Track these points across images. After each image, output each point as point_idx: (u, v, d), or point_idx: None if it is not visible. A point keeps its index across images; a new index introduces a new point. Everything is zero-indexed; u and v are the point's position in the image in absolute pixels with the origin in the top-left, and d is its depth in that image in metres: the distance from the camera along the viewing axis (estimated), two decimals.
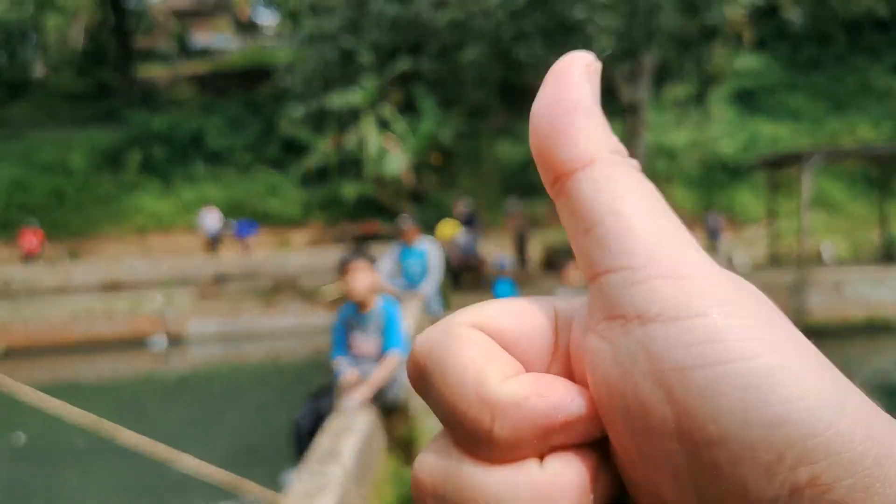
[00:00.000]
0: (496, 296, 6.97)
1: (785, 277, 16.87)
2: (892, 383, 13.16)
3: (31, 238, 23.62)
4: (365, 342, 4.58)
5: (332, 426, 3.84)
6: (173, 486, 8.26)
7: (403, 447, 4.69)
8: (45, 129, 30.34)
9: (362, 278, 4.46)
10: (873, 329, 16.36)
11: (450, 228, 19.60)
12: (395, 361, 4.47)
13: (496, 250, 21.71)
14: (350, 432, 3.71)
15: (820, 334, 16.35)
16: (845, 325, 16.50)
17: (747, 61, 30.53)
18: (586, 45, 11.21)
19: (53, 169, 27.32)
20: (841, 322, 16.52)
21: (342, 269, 4.46)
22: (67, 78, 36.00)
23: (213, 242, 24.23)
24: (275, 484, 7.65)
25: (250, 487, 2.96)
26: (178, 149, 27.91)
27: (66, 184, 26.91)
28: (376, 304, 4.58)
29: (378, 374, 4.38)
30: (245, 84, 31.61)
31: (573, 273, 12.56)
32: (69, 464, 9.51)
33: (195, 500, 8.12)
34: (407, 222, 9.83)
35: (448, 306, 13.19)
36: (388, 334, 4.52)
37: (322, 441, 3.67)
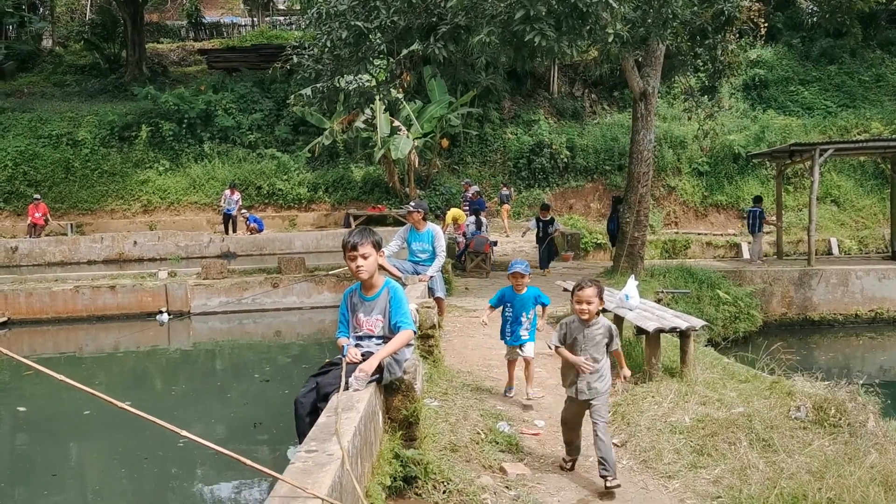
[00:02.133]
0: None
1: (791, 270, 16.80)
2: (895, 378, 13.15)
3: (36, 211, 23.65)
4: (368, 323, 4.56)
5: (333, 405, 3.83)
6: (175, 458, 8.31)
7: (405, 427, 4.68)
8: (53, 102, 30.31)
9: (365, 261, 4.43)
10: (878, 323, 16.32)
11: (458, 214, 19.57)
12: (403, 338, 4.46)
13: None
14: (351, 411, 3.70)
15: (825, 328, 16.33)
16: (851, 319, 16.46)
17: (760, 52, 30.30)
18: (599, 30, 11.09)
19: (61, 142, 27.30)
20: (846, 316, 16.48)
21: (348, 249, 4.41)
22: (76, 51, 35.91)
23: (228, 219, 24.24)
24: (276, 460, 7.70)
25: (250, 463, 2.95)
26: (187, 126, 27.85)
27: (73, 157, 26.91)
28: (381, 286, 4.55)
29: (386, 348, 4.37)
30: (255, 63, 31.47)
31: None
32: (71, 434, 9.56)
33: (196, 472, 8.16)
34: (414, 206, 9.80)
35: (451, 290, 13.17)
36: (394, 313, 4.49)
37: (323, 419, 3.65)
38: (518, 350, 7.07)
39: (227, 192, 24.25)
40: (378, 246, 4.52)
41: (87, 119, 27.98)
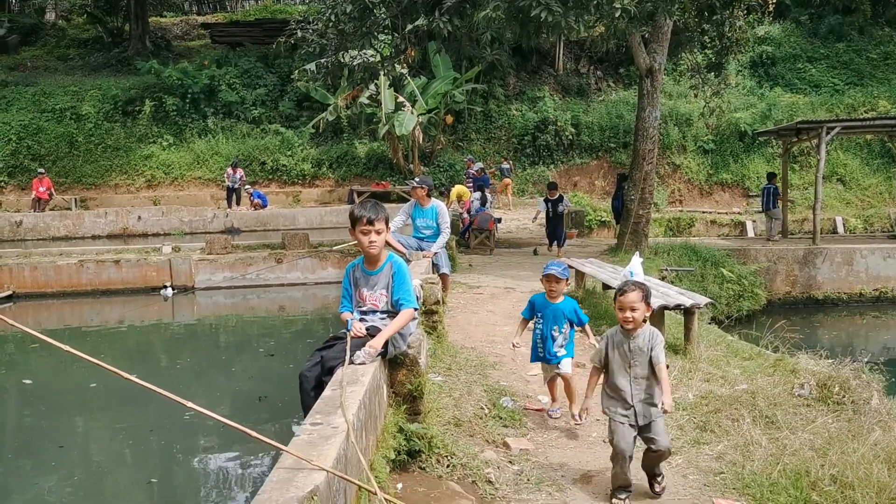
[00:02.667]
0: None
1: (796, 249, 16.76)
2: None
3: (40, 185, 23.65)
4: (372, 297, 4.55)
5: (338, 379, 3.83)
6: (181, 431, 8.35)
7: (409, 402, 4.69)
8: (56, 76, 30.20)
9: (378, 237, 4.41)
10: (883, 302, 16.31)
11: (462, 191, 19.53)
12: (407, 316, 4.46)
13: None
14: (356, 385, 3.70)
15: (829, 306, 16.32)
16: (855, 298, 16.45)
17: (768, 29, 30.03)
18: (605, 5, 10.99)
19: (64, 116, 27.24)
20: (850, 295, 16.47)
21: (363, 223, 4.38)
22: (79, 24, 35.72)
23: (232, 193, 24.22)
24: (281, 433, 7.74)
25: (256, 435, 2.96)
26: (190, 100, 27.75)
27: (76, 131, 26.86)
28: (384, 260, 4.54)
29: (391, 326, 4.37)
30: (259, 37, 31.29)
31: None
32: (77, 407, 9.62)
33: (202, 445, 8.21)
34: (418, 181, 9.77)
35: (455, 267, 13.17)
36: (398, 290, 4.48)
37: (328, 393, 3.66)
38: (556, 368, 5.85)
39: (230, 170, 24.22)
40: (387, 222, 4.51)
41: (91, 93, 27.90)
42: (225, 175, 24.53)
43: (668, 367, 4.40)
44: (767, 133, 21.56)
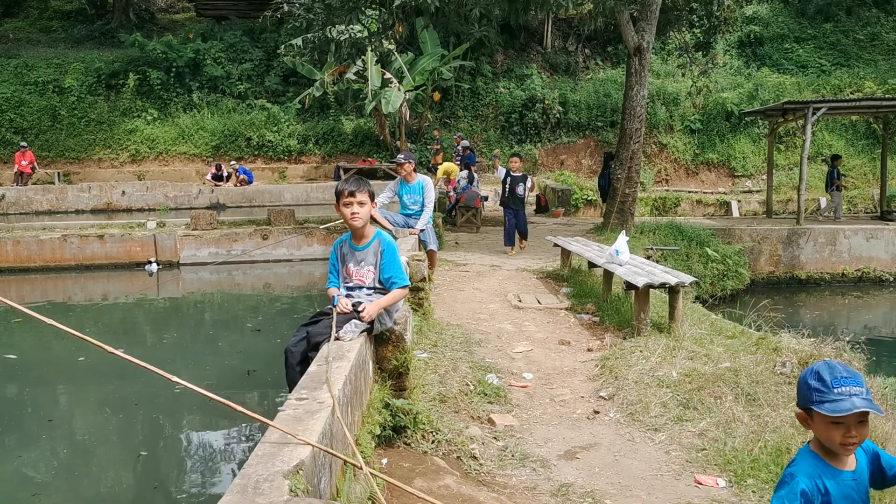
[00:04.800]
0: None
1: (780, 229, 16.87)
2: (881, 336, 13.30)
3: (23, 159, 23.41)
4: (359, 273, 4.55)
5: (324, 354, 3.84)
6: (168, 405, 8.36)
7: (395, 378, 4.71)
8: (39, 48, 29.78)
9: (361, 208, 4.40)
10: (865, 283, 16.46)
11: (451, 168, 19.48)
12: (399, 294, 4.50)
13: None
14: (342, 360, 3.71)
15: (812, 286, 16.46)
16: (838, 278, 16.60)
17: (756, 9, 30.00)
18: None
19: (47, 89, 26.89)
20: (833, 275, 16.62)
21: (345, 195, 4.38)
22: None
23: (219, 180, 24.08)
24: (268, 407, 7.76)
25: (241, 409, 2.96)
26: (175, 74, 27.44)
27: (59, 105, 26.53)
28: (371, 236, 4.53)
29: (384, 299, 4.39)
30: (245, 11, 30.91)
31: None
32: (64, 381, 9.60)
33: (189, 419, 8.23)
34: (404, 157, 9.76)
35: (442, 245, 13.18)
36: (389, 268, 4.47)
37: (313, 368, 3.67)
38: None
39: (212, 169, 24.11)
40: (372, 196, 4.51)
41: (74, 66, 27.52)
42: (210, 175, 24.35)
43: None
44: (754, 113, 21.60)
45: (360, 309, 4.27)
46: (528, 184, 13.30)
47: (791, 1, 30.77)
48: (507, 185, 13.03)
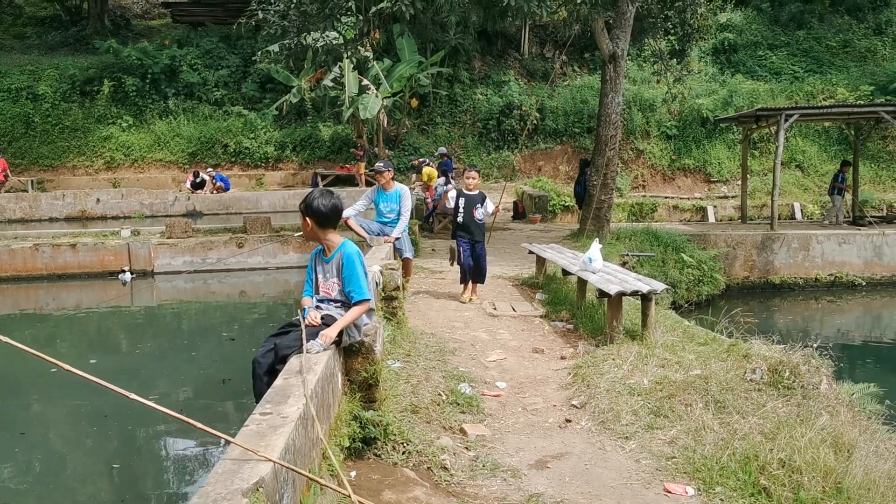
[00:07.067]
0: None
1: (754, 234, 17.02)
2: (851, 341, 13.44)
3: None
4: (325, 286, 4.54)
5: (292, 367, 3.82)
6: (139, 416, 8.28)
7: (364, 389, 4.69)
8: (12, 54, 29.46)
9: (303, 221, 4.46)
10: (837, 287, 16.64)
11: (433, 173, 19.47)
12: (360, 310, 4.43)
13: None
14: (309, 373, 3.69)
15: (786, 291, 16.62)
16: (811, 283, 16.77)
17: (730, 16, 30.29)
18: None
19: (20, 96, 26.60)
20: (807, 280, 16.78)
21: (302, 209, 4.40)
22: (36, 2, 34.84)
23: (198, 187, 23.90)
24: (243, 417, 7.69)
25: (200, 426, 2.93)
26: (151, 81, 27.26)
27: (33, 112, 26.26)
28: (336, 247, 4.51)
29: (344, 318, 4.35)
30: (222, 17, 30.74)
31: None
32: (37, 393, 9.47)
33: (161, 430, 8.16)
34: (384, 165, 9.73)
35: (418, 251, 13.17)
36: (348, 282, 4.43)
37: (279, 382, 3.64)
38: None
39: (190, 177, 23.94)
40: (319, 217, 4.45)
41: (48, 73, 27.26)
42: (187, 181, 24.17)
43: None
44: (728, 119, 21.80)
45: (328, 323, 4.26)
46: (489, 206, 9.93)
47: (764, 8, 31.09)
48: (462, 208, 9.88)
